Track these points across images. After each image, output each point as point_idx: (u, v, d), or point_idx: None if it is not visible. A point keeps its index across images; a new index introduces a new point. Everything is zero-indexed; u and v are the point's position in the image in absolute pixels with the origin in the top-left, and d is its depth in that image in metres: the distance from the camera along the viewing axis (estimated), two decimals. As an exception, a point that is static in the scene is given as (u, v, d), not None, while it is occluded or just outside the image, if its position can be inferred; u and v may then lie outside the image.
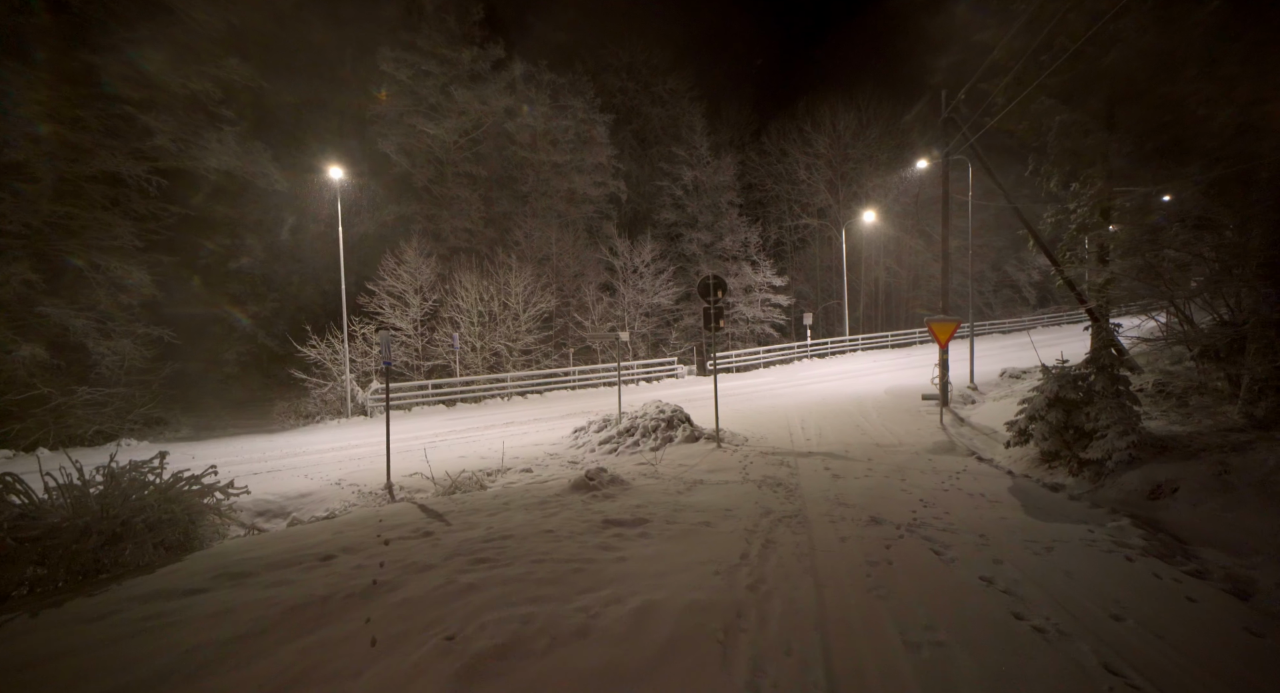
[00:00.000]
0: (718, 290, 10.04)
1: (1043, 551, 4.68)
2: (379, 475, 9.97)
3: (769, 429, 12.05)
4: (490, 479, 9.44)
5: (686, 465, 9.08)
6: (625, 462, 9.80)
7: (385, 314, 21.03)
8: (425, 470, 10.03)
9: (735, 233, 32.63)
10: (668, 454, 9.90)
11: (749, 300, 31.32)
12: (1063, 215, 15.24)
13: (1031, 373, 18.25)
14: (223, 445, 14.96)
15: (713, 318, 10.09)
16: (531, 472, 9.69)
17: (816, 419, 13.08)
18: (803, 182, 38.41)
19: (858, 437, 10.82)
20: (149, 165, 17.57)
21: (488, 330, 22.44)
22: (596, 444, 10.80)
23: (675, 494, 7.02)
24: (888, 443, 10.11)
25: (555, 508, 6.23)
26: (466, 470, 9.71)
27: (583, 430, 11.85)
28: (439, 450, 12.39)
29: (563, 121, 28.09)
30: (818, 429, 11.81)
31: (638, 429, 10.87)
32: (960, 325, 11.98)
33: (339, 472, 10.77)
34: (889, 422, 12.34)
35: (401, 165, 24.32)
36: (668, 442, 10.54)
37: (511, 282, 22.63)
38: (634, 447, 10.46)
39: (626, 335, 10.93)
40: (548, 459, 10.47)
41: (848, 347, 30.77)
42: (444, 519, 5.98)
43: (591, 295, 25.15)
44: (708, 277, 10.07)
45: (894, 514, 5.75)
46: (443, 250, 25.08)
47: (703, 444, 10.42)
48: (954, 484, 7.23)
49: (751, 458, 9.25)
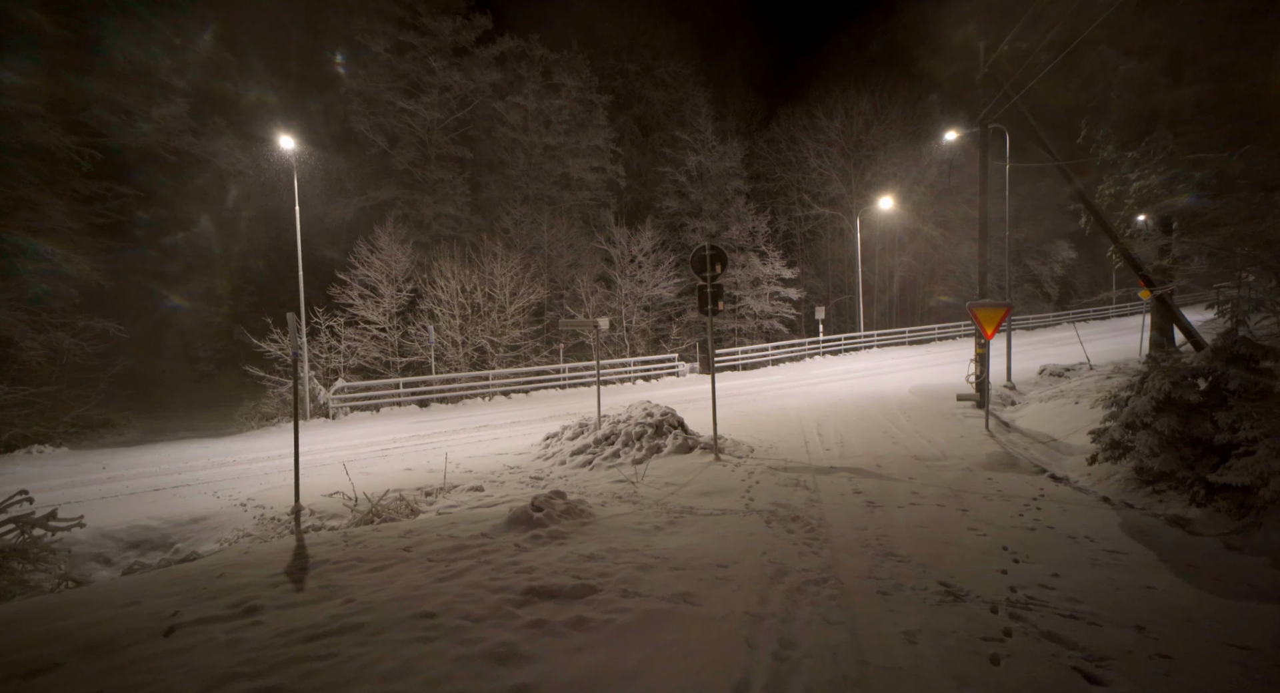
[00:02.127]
0: (715, 264, 8.06)
1: (1274, 670, 2.69)
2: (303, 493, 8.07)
3: (779, 436, 10.05)
4: (428, 500, 7.52)
5: (674, 485, 7.11)
6: (600, 478, 7.84)
7: (357, 306, 19.17)
8: (356, 487, 8.13)
9: (742, 222, 30.60)
10: (654, 468, 7.93)
11: (756, 294, 29.28)
12: (1120, 186, 13.15)
13: (1077, 370, 16.15)
14: (155, 452, 13.13)
15: (709, 299, 8.10)
16: (482, 490, 7.76)
17: (835, 424, 11.07)
18: (814, 170, 36.34)
19: (889, 446, 8.80)
20: (80, 139, 15.71)
21: (470, 324, 20.54)
22: (568, 455, 8.85)
23: (651, 533, 5.06)
24: (929, 455, 8.09)
25: (470, 559, 4.29)
26: (402, 490, 7.78)
27: (555, 437, 9.91)
28: (389, 460, 10.51)
29: (556, 101, 26.17)
30: (838, 437, 9.80)
31: (619, 437, 8.91)
32: (1010, 312, 9.95)
33: (256, 487, 8.89)
34: (923, 427, 10.30)
35: (379, 146, 22.43)
36: (655, 452, 8.57)
37: (497, 271, 20.71)
38: (613, 458, 8.50)
39: (606, 323, 8.95)
40: (506, 474, 8.53)
41: (862, 343, 28.68)
42: (300, 581, 4.05)
43: (586, 287, 23.21)
44: (703, 247, 8.09)
45: (975, 578, 3.76)
46: (425, 238, 23.22)
47: (698, 456, 8.45)
48: (1038, 519, 5.22)
49: (758, 475, 7.26)
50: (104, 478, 10.11)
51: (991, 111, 13.06)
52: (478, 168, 25.56)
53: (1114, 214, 13.43)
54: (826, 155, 36.00)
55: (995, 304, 10.01)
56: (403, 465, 9.70)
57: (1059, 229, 40.97)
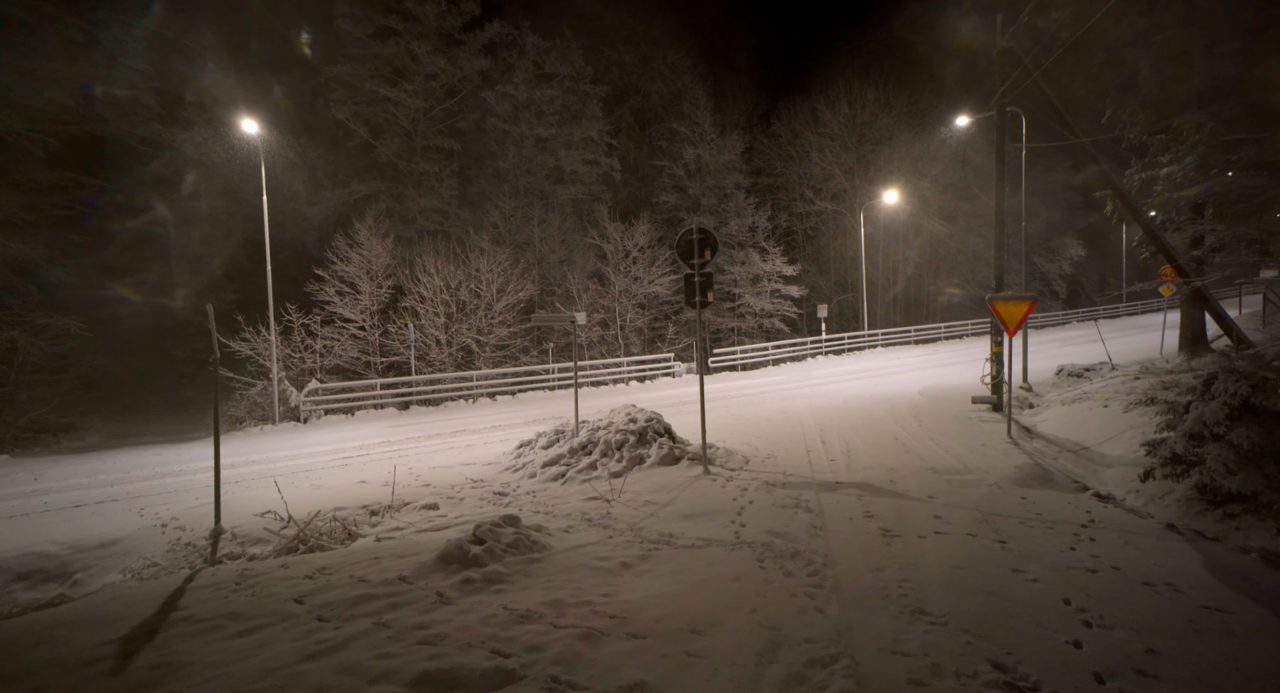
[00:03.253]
0: (704, 250, 7.05)
1: None
2: (234, 511, 7.09)
3: (779, 444, 9.04)
4: (372, 521, 6.52)
5: (655, 504, 6.11)
6: (572, 494, 6.84)
7: (335, 303, 18.19)
8: (299, 503, 7.15)
9: (741, 217, 29.57)
10: (634, 483, 6.93)
11: (757, 291, 28.24)
12: (1149, 171, 12.12)
13: (1098, 370, 15.10)
14: (103, 460, 12.15)
15: (698, 289, 7.09)
16: (436, 509, 6.76)
17: (841, 429, 10.06)
18: (815, 164, 35.28)
19: (902, 456, 7.79)
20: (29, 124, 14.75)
21: (455, 323, 19.55)
22: (540, 466, 7.84)
23: (614, 573, 4.07)
24: (948, 467, 7.08)
25: (368, 619, 3.30)
26: (344, 509, 6.80)
27: (529, 446, 8.91)
28: (348, 470, 9.53)
29: (548, 91, 25.16)
30: (844, 444, 8.78)
31: (598, 446, 7.91)
32: (1035, 306, 8.92)
33: (190, 503, 7.91)
34: (937, 433, 9.29)
35: (362, 136, 21.45)
36: (637, 464, 7.56)
37: (483, 266, 19.72)
38: (589, 471, 7.50)
39: (583, 317, 7.98)
40: (468, 488, 7.52)
41: (866, 342, 27.64)
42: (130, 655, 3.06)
43: (578, 284, 22.22)
44: (689, 230, 7.08)
45: (1040, 656, 2.76)
46: (410, 233, 22.24)
47: (685, 467, 7.44)
48: (1096, 555, 4.21)
49: (752, 492, 6.25)
50: (28, 491, 9.14)
51: (1009, 91, 12.01)
52: (466, 160, 24.58)
53: (1141, 202, 12.40)
54: (829, 149, 34.94)
55: (1018, 297, 8.99)
56: (359, 477, 8.71)
57: (1068, 225, 39.95)
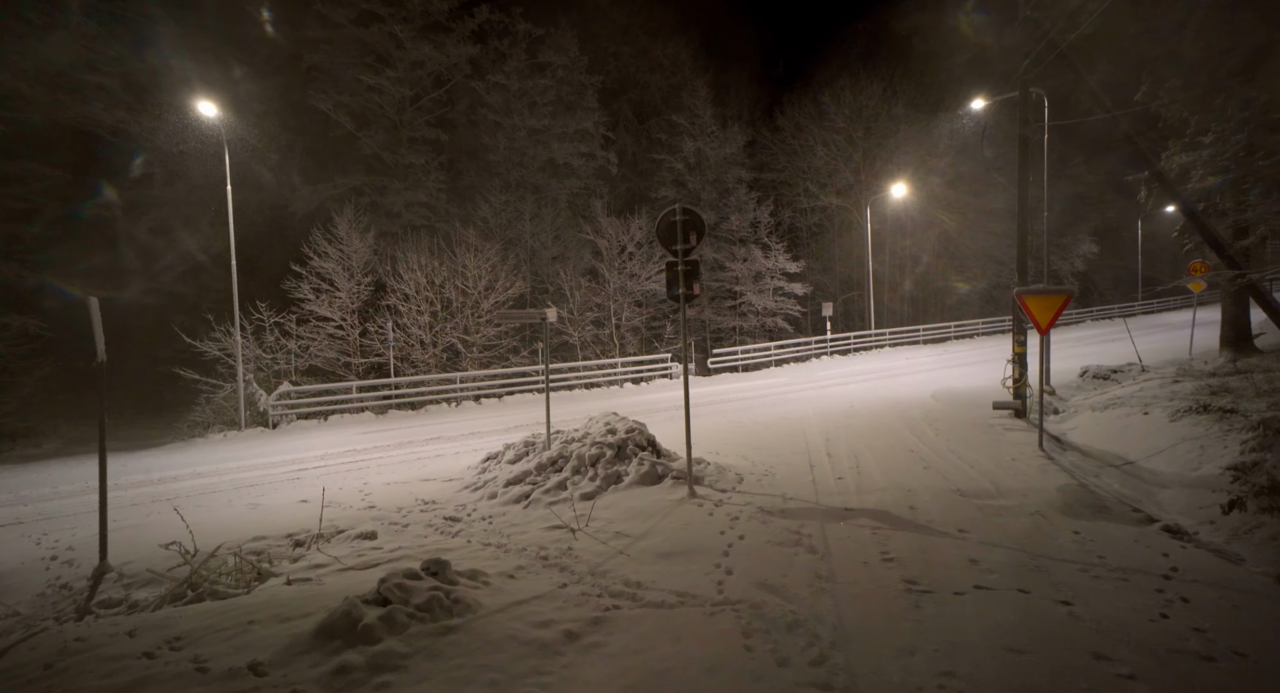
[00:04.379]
0: (690, 234, 6.01)
1: None
2: (140, 540, 6.10)
3: (779, 456, 7.99)
4: (294, 554, 5.51)
5: (627, 536, 5.08)
6: (534, 521, 5.81)
7: (311, 301, 17.20)
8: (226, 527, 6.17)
9: (743, 212, 28.50)
10: (606, 507, 5.90)
11: (759, 289, 27.17)
12: (1191, 153, 11.00)
13: (1126, 372, 13.99)
14: (38, 471, 11.26)
15: (681, 278, 6.04)
16: (374, 538, 5.74)
17: (848, 438, 9.00)
18: (820, 159, 34.17)
19: (919, 473, 6.73)
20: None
21: (440, 322, 18.55)
22: (502, 485, 6.81)
23: (553, 651, 3.04)
24: (977, 489, 6.01)
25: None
26: (265, 538, 5.80)
27: (495, 459, 7.88)
28: (298, 485, 8.56)
29: (541, 81, 24.14)
30: (852, 458, 7.73)
31: (569, 460, 6.88)
32: (1070, 300, 7.83)
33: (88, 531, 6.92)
34: (958, 444, 8.21)
35: (344, 127, 20.47)
36: (613, 483, 6.53)
37: (469, 263, 18.71)
38: (557, 491, 6.46)
39: (554, 313, 6.96)
40: (417, 511, 6.50)
41: (873, 342, 26.54)
42: None
43: (570, 281, 21.19)
44: (671, 210, 6.04)
45: None
46: (395, 228, 21.26)
47: (668, 488, 6.39)
48: (1203, 629, 3.16)
49: (744, 523, 5.21)
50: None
51: (1033, 66, 10.90)
52: (456, 153, 23.60)
53: (1180, 187, 11.29)
54: (834, 144, 33.82)
55: (1051, 291, 7.92)
56: (306, 494, 7.70)
57: (1080, 221, 38.68)
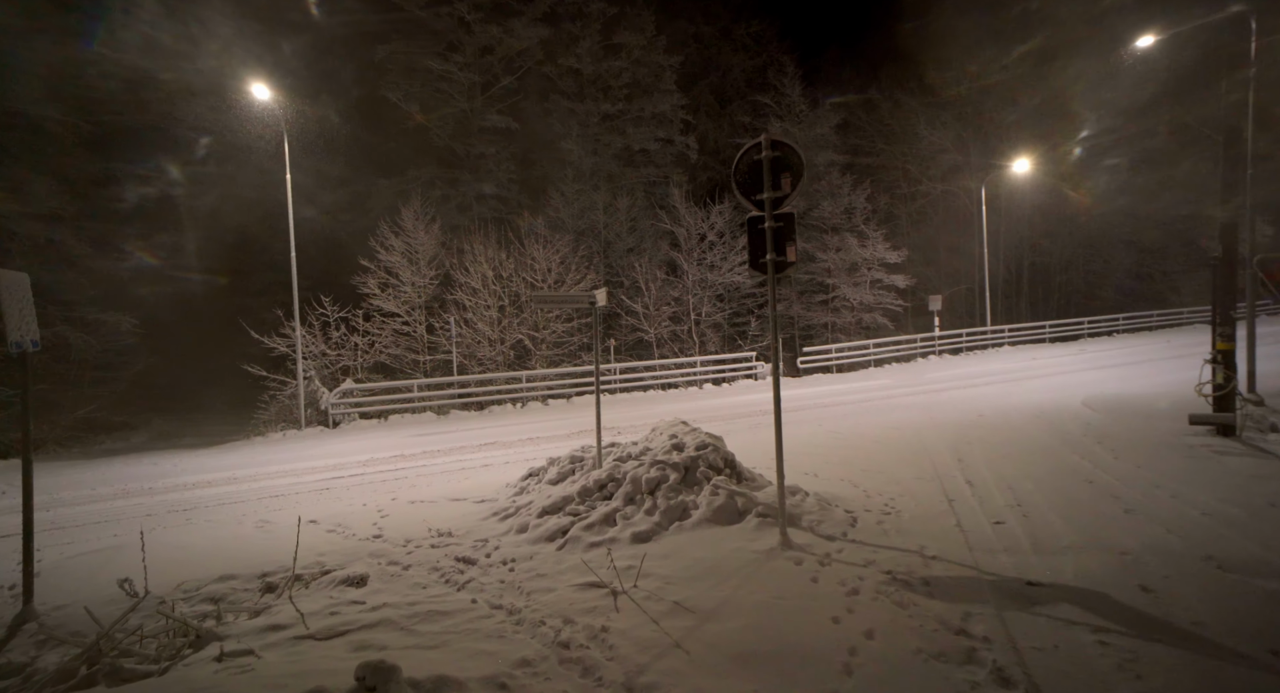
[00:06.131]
0: (781, 176, 4.28)
1: None
2: (108, 569, 5.10)
3: (899, 484, 6.06)
4: (259, 606, 4.25)
5: (690, 614, 3.44)
6: (566, 572, 4.28)
7: (377, 296, 16.69)
8: (220, 552, 5.10)
9: (836, 198, 25.89)
10: (664, 556, 4.28)
11: (854, 282, 24.57)
12: None
13: (1361, 376, 10.73)
14: (105, 467, 10.95)
15: (769, 240, 4.31)
16: (363, 585, 4.41)
17: (989, 459, 6.90)
18: (924, 139, 30.92)
19: (1124, 521, 4.63)
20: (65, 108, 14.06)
21: (508, 317, 17.59)
22: (537, 514, 5.33)
23: None
24: (1243, 556, 3.88)
25: None
26: (234, 577, 4.62)
27: (536, 477, 6.44)
28: (324, 497, 7.54)
29: (615, 63, 22.84)
30: (1006, 489, 5.68)
31: (623, 484, 5.30)
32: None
33: (89, 545, 6.08)
34: (1158, 474, 5.93)
35: (414, 119, 20.02)
36: (676, 518, 4.89)
37: (538, 255, 17.63)
38: (603, 526, 4.90)
39: (603, 295, 5.34)
40: (427, 546, 5.12)
41: (990, 340, 23.30)
42: None
43: (646, 274, 19.70)
44: (755, 143, 4.33)
45: None
46: (465, 221, 20.60)
47: (751, 531, 4.67)
48: None
49: (867, 603, 3.42)
50: None
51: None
52: (528, 142, 22.71)
53: None
54: (940, 121, 30.46)
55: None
56: (322, 512, 6.58)
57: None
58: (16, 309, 4.07)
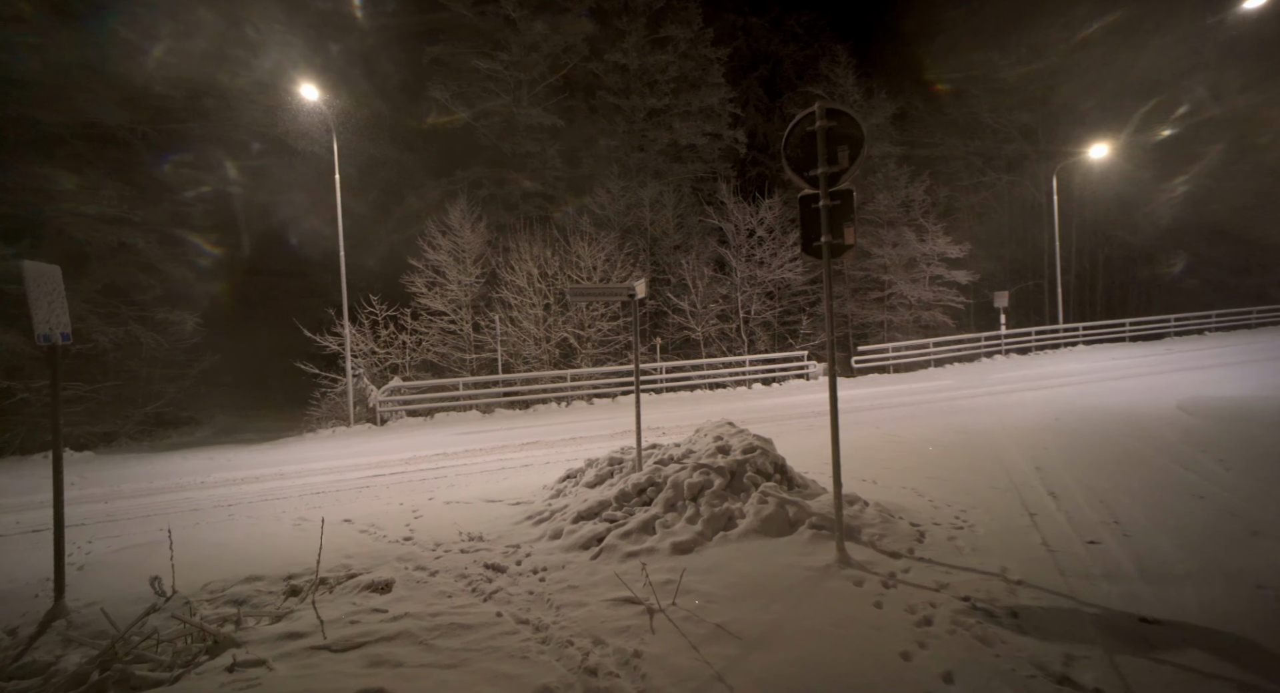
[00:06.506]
0: (838, 149, 3.81)
1: None
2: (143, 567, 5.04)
3: (971, 494, 5.46)
4: (281, 610, 4.07)
5: (735, 640, 3.02)
6: (599, 584, 3.93)
7: (424, 295, 16.83)
8: (256, 553, 5.00)
9: (893, 190, 24.76)
10: (707, 571, 3.88)
11: (912, 278, 23.44)
12: None
13: None
14: (166, 461, 11.28)
15: (824, 219, 3.85)
16: (387, 591, 4.17)
17: (1073, 468, 6.20)
18: (986, 128, 29.37)
19: (1251, 545, 3.96)
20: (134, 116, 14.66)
21: (552, 315, 17.45)
22: (572, 519, 5.00)
23: None
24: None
25: None
26: (260, 579, 4.47)
27: (573, 479, 6.13)
28: (364, 495, 7.46)
29: (662, 57, 22.46)
30: (1097, 502, 5.03)
31: (662, 489, 4.93)
32: None
33: (134, 538, 6.11)
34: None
35: (462, 118, 20.16)
36: (721, 528, 4.48)
37: (583, 252, 17.43)
38: (640, 535, 4.53)
39: (643, 286, 4.94)
40: (456, 551, 4.86)
41: (1062, 338, 21.79)
42: None
43: (693, 271, 19.24)
44: (808, 113, 3.87)
45: None
46: (512, 220, 20.62)
47: (804, 544, 4.21)
48: None
49: (942, 636, 2.94)
50: (36, 502, 8.04)
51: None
52: (574, 140, 22.58)
53: None
54: (1004, 109, 28.84)
55: None
56: (359, 510, 6.46)
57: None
58: (45, 301, 4.00)
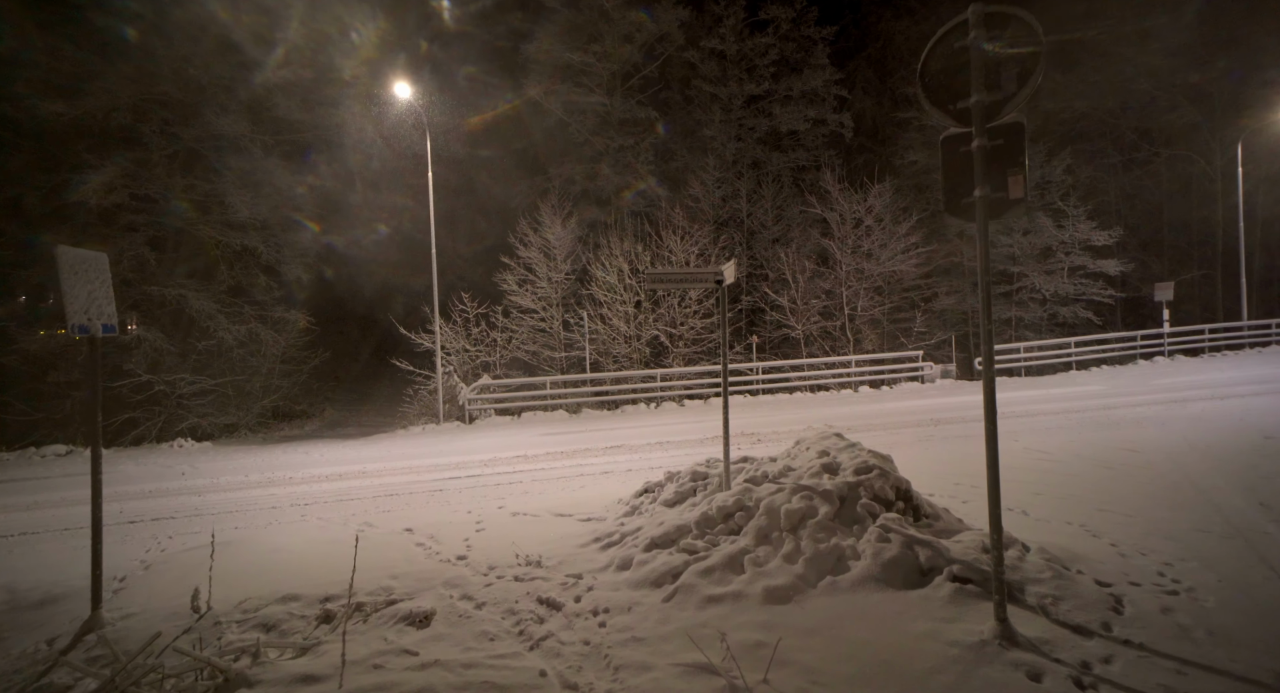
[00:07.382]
0: (1000, 75, 2.75)
1: None
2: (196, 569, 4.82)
3: (1169, 535, 4.11)
4: (308, 641, 3.58)
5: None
6: (669, 638, 3.10)
7: (515, 292, 16.74)
8: (303, 565, 4.67)
9: (1024, 171, 22.02)
10: (808, 633, 2.95)
11: (1048, 268, 20.77)
12: None
13: None
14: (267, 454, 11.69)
15: (978, 169, 2.79)
16: (426, 625, 3.59)
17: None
18: (1141, 95, 25.52)
19: None
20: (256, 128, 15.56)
21: (644, 313, 16.81)
22: (646, 544, 4.21)
23: None
24: None
25: None
26: (297, 599, 4.03)
27: (651, 494, 5.35)
28: (436, 499, 7.09)
29: (762, 40, 21.23)
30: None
31: (753, 515, 4.02)
32: None
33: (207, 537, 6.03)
34: None
35: (555, 115, 20.00)
36: (828, 571, 3.51)
37: (675, 247, 16.65)
38: (725, 571, 3.66)
39: (731, 271, 4.03)
40: (510, 578, 4.19)
41: (1246, 337, 18.33)
42: None
43: (793, 264, 17.91)
44: (957, 24, 2.84)
45: None
46: (606, 216, 20.25)
47: (944, 602, 3.15)
48: None
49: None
50: (141, 492, 8.39)
51: None
52: (671, 134, 21.86)
53: None
54: (1165, 72, 24.89)
55: None
56: (418, 520, 6.03)
57: None
58: (84, 290, 3.76)
